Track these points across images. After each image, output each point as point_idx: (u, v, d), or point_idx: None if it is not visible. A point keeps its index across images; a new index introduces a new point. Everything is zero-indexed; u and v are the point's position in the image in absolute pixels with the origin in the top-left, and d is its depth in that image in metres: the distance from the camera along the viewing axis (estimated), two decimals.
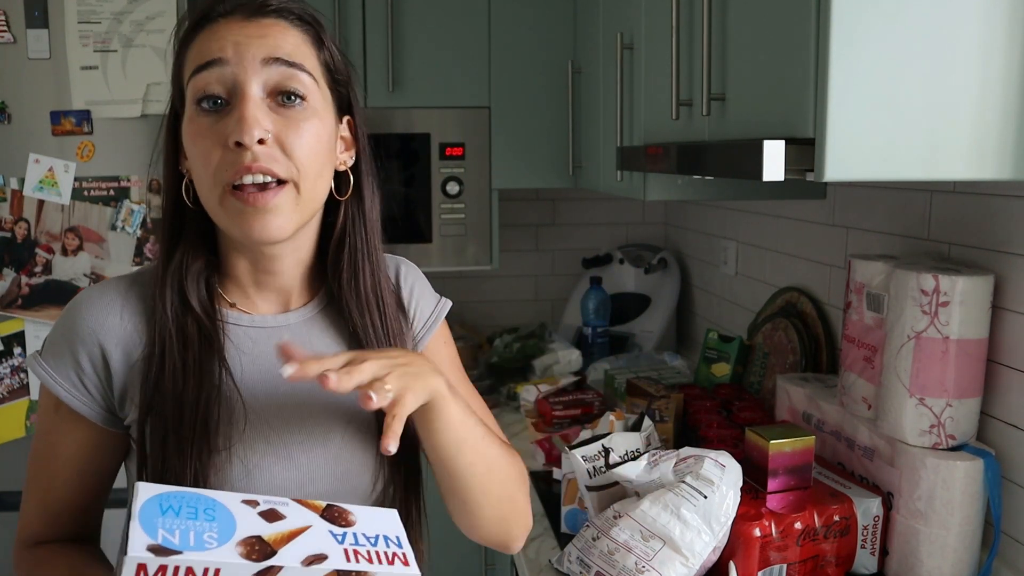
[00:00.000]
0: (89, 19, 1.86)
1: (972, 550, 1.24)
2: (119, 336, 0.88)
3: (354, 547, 0.73)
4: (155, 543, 0.66)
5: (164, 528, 0.68)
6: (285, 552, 0.69)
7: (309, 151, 0.85)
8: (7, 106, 1.87)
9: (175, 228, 0.90)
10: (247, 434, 0.88)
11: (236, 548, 0.68)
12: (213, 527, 0.70)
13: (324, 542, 0.72)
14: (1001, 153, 0.92)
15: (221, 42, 0.83)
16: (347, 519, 0.76)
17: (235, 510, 0.73)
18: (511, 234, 2.76)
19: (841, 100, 0.89)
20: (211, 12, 0.86)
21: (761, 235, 2.08)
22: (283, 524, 0.73)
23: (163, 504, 0.71)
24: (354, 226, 0.94)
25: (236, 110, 0.82)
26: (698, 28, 1.25)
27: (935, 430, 1.25)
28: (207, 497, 0.73)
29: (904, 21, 0.89)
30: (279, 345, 0.80)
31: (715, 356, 2.06)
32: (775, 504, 1.26)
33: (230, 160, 0.82)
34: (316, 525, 0.74)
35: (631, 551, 1.19)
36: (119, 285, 0.91)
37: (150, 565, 0.65)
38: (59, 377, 0.88)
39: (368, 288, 0.95)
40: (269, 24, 0.85)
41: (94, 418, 0.89)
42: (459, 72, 2.27)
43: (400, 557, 0.74)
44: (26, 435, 1.94)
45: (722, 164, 1.06)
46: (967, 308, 1.21)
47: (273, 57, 0.84)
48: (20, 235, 1.90)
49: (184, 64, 0.87)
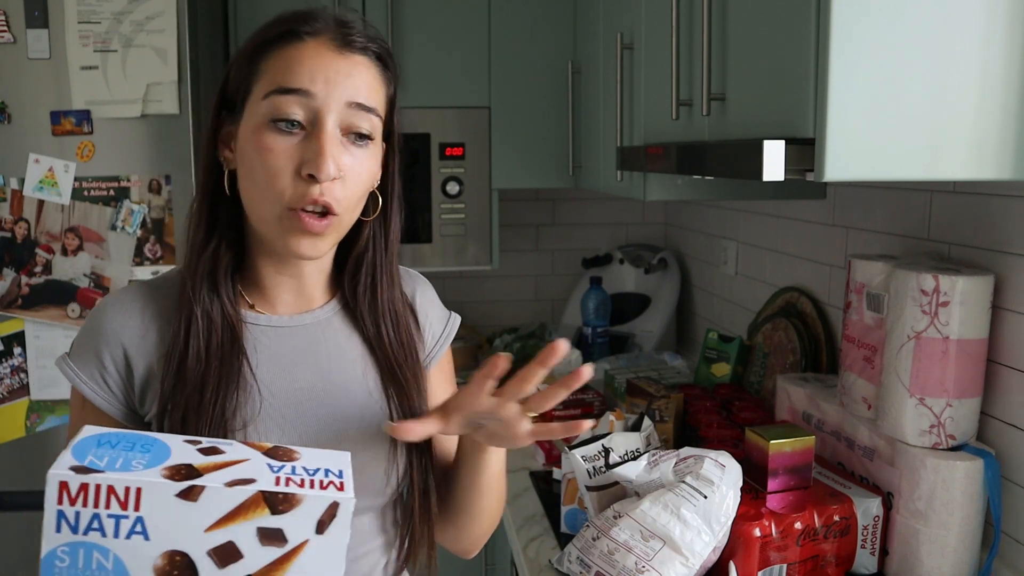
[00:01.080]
0: (89, 19, 1.86)
1: (972, 550, 1.24)
2: (140, 338, 0.93)
3: (288, 476, 0.72)
4: (79, 464, 0.68)
5: (94, 455, 0.69)
6: (212, 476, 0.69)
7: (360, 185, 0.91)
8: (7, 106, 1.87)
9: (211, 217, 0.94)
10: (262, 425, 0.92)
11: (161, 472, 0.69)
12: (144, 457, 0.71)
13: (257, 471, 0.72)
14: (1001, 153, 0.92)
15: (312, 74, 0.87)
16: (290, 456, 0.76)
17: (173, 445, 0.73)
18: (511, 234, 2.76)
19: (841, 100, 0.89)
20: (299, 29, 0.89)
21: (761, 235, 2.08)
22: (219, 457, 0.73)
23: (102, 439, 0.72)
24: (375, 244, 1.00)
25: (315, 142, 0.86)
26: (698, 28, 1.25)
27: (935, 430, 1.25)
28: (150, 436, 0.74)
29: (904, 21, 0.89)
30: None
31: (715, 356, 2.06)
32: (775, 504, 1.26)
33: (300, 188, 0.87)
34: (254, 459, 0.74)
35: (631, 551, 1.19)
36: (141, 290, 0.96)
37: (71, 483, 0.66)
38: (84, 376, 0.93)
39: (384, 301, 1.00)
40: (356, 61, 0.90)
41: (115, 414, 0.93)
42: (459, 72, 2.27)
43: (336, 484, 0.73)
44: (26, 435, 1.94)
45: (722, 164, 1.06)
46: (967, 308, 1.21)
47: (355, 102, 0.89)
48: (20, 235, 1.90)
49: (261, 71, 0.89)
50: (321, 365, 0.98)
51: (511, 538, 1.55)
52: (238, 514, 0.69)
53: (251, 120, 0.89)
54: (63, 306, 1.92)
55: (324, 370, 0.97)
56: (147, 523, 0.68)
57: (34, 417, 1.94)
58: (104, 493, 0.67)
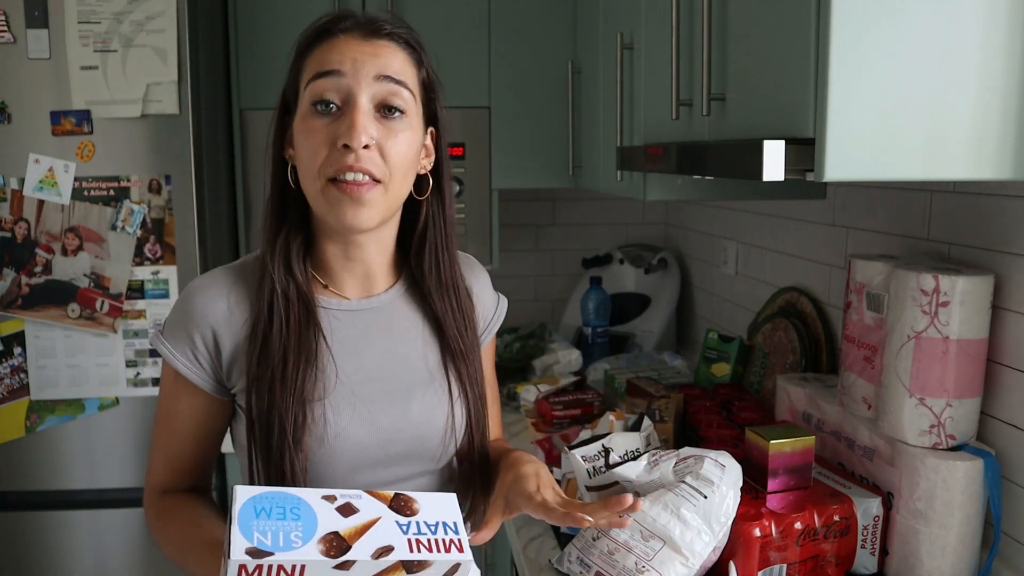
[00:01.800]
0: (89, 19, 1.86)
1: (972, 550, 1.24)
2: (227, 319, 1.03)
3: (416, 536, 0.85)
4: (252, 546, 0.80)
5: (258, 531, 0.82)
6: (358, 546, 0.83)
7: (401, 157, 0.99)
8: (7, 106, 1.87)
9: (281, 209, 1.05)
10: (335, 401, 1.02)
11: (317, 546, 0.81)
12: (298, 526, 0.83)
13: (391, 534, 0.85)
14: (1001, 153, 0.92)
15: (341, 56, 0.98)
16: (411, 508, 0.89)
17: (317, 507, 0.85)
18: (511, 234, 2.76)
19: (841, 100, 0.89)
20: (333, 27, 1.01)
21: (761, 235, 2.08)
22: (357, 518, 0.85)
23: (257, 507, 0.84)
24: (434, 223, 1.09)
25: (347, 117, 0.96)
26: (698, 28, 1.25)
27: (935, 430, 1.25)
28: (293, 496, 0.86)
29: (904, 21, 0.89)
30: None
31: (715, 356, 2.06)
32: (775, 504, 1.26)
33: (335, 158, 0.96)
34: (384, 516, 0.87)
35: (631, 551, 1.19)
36: (227, 274, 1.06)
37: (249, 566, 0.79)
38: (177, 353, 1.03)
39: (448, 277, 1.10)
40: (382, 45, 1.00)
41: (205, 387, 1.04)
42: (459, 72, 2.27)
43: (456, 544, 0.86)
44: (26, 435, 1.95)
45: (722, 164, 1.06)
46: (967, 308, 1.21)
47: (383, 75, 0.98)
48: (20, 235, 1.90)
49: (303, 68, 1.01)
50: (386, 346, 1.07)
51: (511, 538, 1.55)
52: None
53: (300, 110, 1.00)
54: (63, 306, 1.92)
55: (389, 350, 1.07)
56: None
57: (34, 417, 1.95)
58: (275, 569, 0.80)
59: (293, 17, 2.20)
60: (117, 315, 1.93)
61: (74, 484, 1.97)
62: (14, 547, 1.98)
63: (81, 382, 1.94)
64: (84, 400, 1.95)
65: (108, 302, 1.92)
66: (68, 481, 1.97)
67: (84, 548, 1.99)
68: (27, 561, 1.98)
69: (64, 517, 1.98)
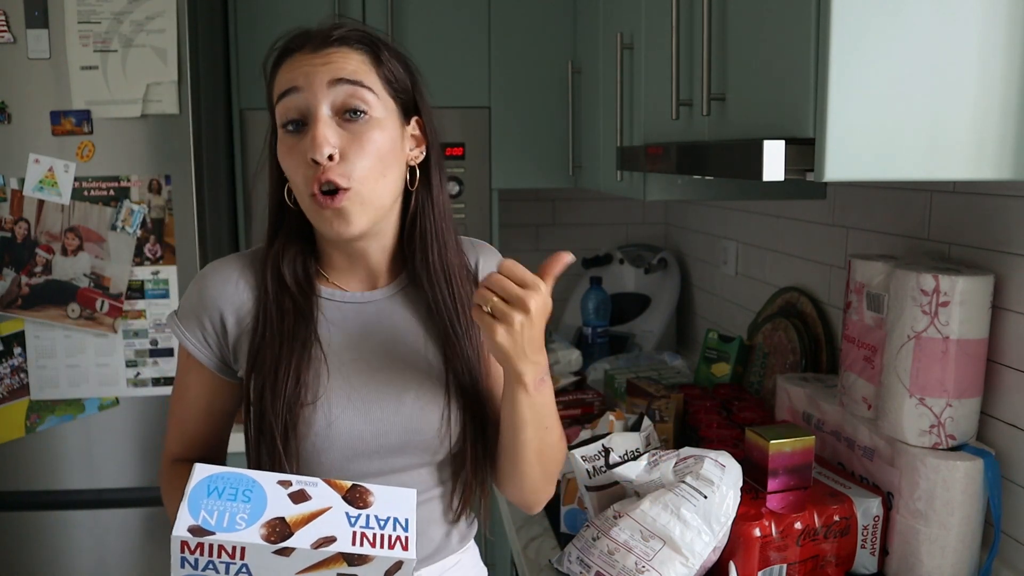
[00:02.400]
0: (89, 19, 1.86)
1: (972, 550, 1.24)
2: (235, 303, 1.07)
3: (363, 530, 0.86)
4: (195, 524, 0.82)
5: (206, 510, 0.84)
6: (300, 534, 0.84)
7: (369, 160, 1.00)
8: (7, 106, 1.87)
9: (276, 221, 1.09)
10: (330, 391, 1.04)
11: (260, 530, 0.83)
12: (247, 508, 0.85)
13: (338, 524, 0.85)
14: (1001, 153, 0.92)
15: (295, 73, 1.00)
16: (366, 500, 0.89)
17: (269, 492, 0.87)
18: (511, 234, 2.76)
19: (841, 100, 0.89)
20: (288, 47, 1.03)
21: (761, 235, 2.08)
22: (307, 505, 0.86)
23: (211, 486, 0.86)
24: (423, 212, 1.10)
25: (310, 130, 0.99)
26: (698, 28, 1.25)
27: (935, 430, 1.25)
28: (249, 478, 0.88)
29: (904, 21, 0.89)
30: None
31: (715, 356, 2.06)
32: (775, 504, 1.26)
33: (309, 173, 0.99)
34: (335, 507, 0.87)
35: (631, 551, 1.19)
36: (239, 260, 1.10)
37: (191, 543, 0.82)
38: (188, 334, 1.08)
39: (436, 264, 1.10)
40: (332, 52, 1.01)
41: (212, 367, 1.09)
42: (459, 72, 2.27)
43: (402, 541, 0.86)
44: (26, 435, 1.95)
45: (722, 164, 1.06)
46: (967, 308, 1.21)
47: (336, 79, 0.99)
48: (20, 235, 1.90)
49: (272, 91, 1.04)
50: (386, 338, 1.09)
51: (511, 538, 1.55)
52: (322, 566, 0.84)
53: (278, 134, 1.03)
54: (63, 306, 1.92)
55: (388, 342, 1.09)
56: (251, 568, 0.84)
57: (34, 417, 1.94)
58: (216, 549, 0.82)
59: (293, 17, 2.19)
60: (117, 315, 1.93)
61: (74, 484, 1.97)
62: (14, 547, 1.98)
63: (81, 382, 1.94)
64: (84, 400, 1.95)
65: (108, 302, 1.92)
66: (68, 481, 1.97)
67: (84, 548, 1.99)
68: (27, 561, 1.99)
69: (64, 517, 1.98)
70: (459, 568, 1.17)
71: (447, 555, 1.15)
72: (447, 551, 1.15)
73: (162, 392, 1.96)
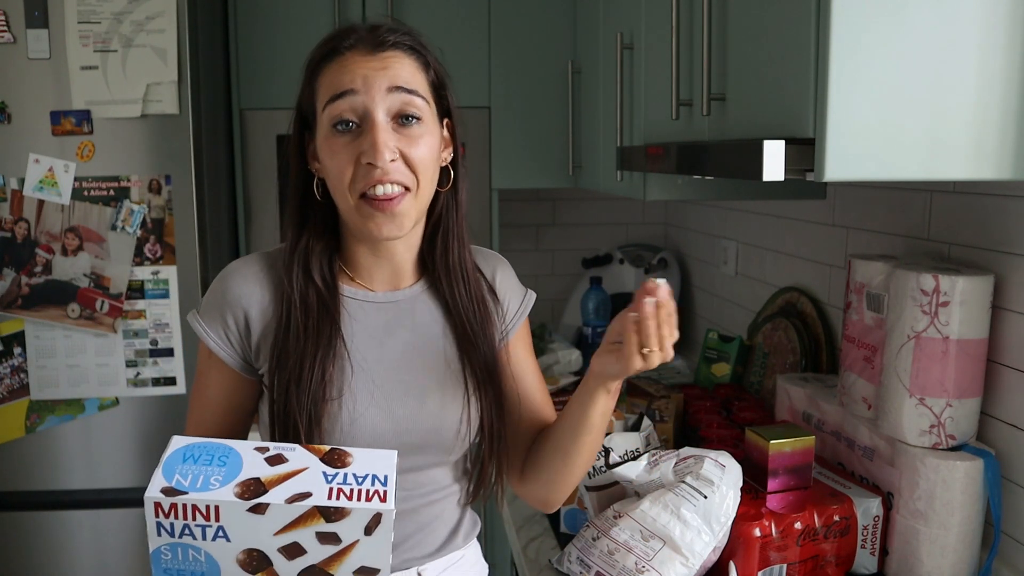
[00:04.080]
0: (89, 19, 1.86)
1: (972, 550, 1.24)
2: (258, 302, 1.07)
3: (340, 486, 0.84)
4: (168, 485, 0.82)
5: (180, 473, 0.84)
6: (275, 491, 0.83)
7: (425, 162, 1.03)
8: (7, 106, 1.87)
9: (302, 217, 1.09)
10: (355, 388, 1.06)
11: (234, 488, 0.83)
12: (221, 471, 0.84)
13: (313, 482, 0.84)
14: (1001, 153, 0.92)
15: (352, 75, 1.01)
16: (344, 461, 0.88)
17: (245, 456, 0.87)
18: (511, 234, 2.76)
19: (841, 100, 0.89)
20: (339, 45, 1.03)
21: (761, 235, 2.08)
22: (283, 467, 0.86)
23: (187, 453, 0.86)
24: (448, 212, 1.13)
25: (368, 134, 1.00)
26: (698, 28, 1.25)
27: (935, 430, 1.25)
28: (226, 446, 0.87)
29: (904, 21, 0.89)
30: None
31: (715, 356, 2.06)
32: (775, 504, 1.26)
33: (363, 174, 1.00)
34: (312, 467, 0.86)
35: (631, 551, 1.19)
36: (261, 260, 1.10)
37: (164, 504, 0.81)
38: (210, 332, 1.08)
39: (455, 261, 1.12)
40: (389, 56, 1.03)
41: (233, 366, 1.09)
42: (459, 72, 2.25)
43: (380, 494, 0.84)
44: (26, 435, 1.95)
45: (722, 164, 1.06)
46: (967, 308, 1.21)
47: (395, 86, 1.01)
48: (20, 235, 1.90)
49: (317, 89, 1.04)
50: (408, 338, 1.11)
51: (511, 538, 1.55)
52: (299, 523, 0.83)
53: (321, 131, 1.04)
54: (63, 306, 1.92)
55: (410, 343, 1.10)
56: (227, 529, 0.83)
57: (34, 417, 1.95)
58: (190, 510, 0.82)
59: (293, 17, 2.20)
60: (117, 315, 1.93)
61: (74, 484, 1.97)
62: (14, 547, 1.98)
63: (81, 382, 1.94)
64: (84, 400, 1.95)
65: (108, 302, 1.92)
66: (68, 481, 1.97)
67: (84, 548, 1.99)
68: (27, 561, 1.99)
69: (64, 517, 1.98)
70: (463, 563, 1.19)
71: (452, 551, 1.17)
72: (452, 547, 1.17)
73: (162, 392, 1.96)
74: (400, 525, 1.11)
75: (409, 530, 1.12)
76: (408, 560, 1.12)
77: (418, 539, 1.13)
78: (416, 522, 1.13)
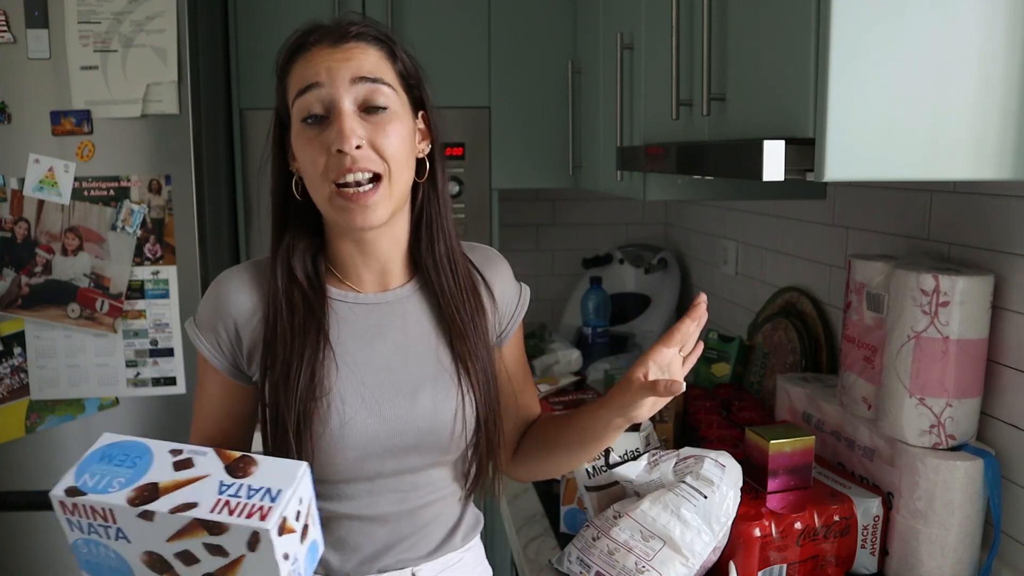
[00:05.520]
0: (89, 19, 1.85)
1: (972, 550, 1.24)
2: (247, 310, 1.08)
3: (228, 498, 0.84)
4: (73, 485, 0.85)
5: (90, 473, 0.86)
6: (163, 499, 0.84)
7: (395, 149, 1.03)
8: (7, 106, 1.87)
9: (283, 217, 1.10)
10: (344, 390, 1.06)
11: (129, 493, 0.84)
12: (128, 474, 0.86)
13: (206, 492, 0.85)
14: (1001, 153, 0.92)
15: (316, 68, 1.02)
16: (247, 470, 0.87)
17: (158, 459, 0.88)
18: (511, 234, 2.76)
19: (841, 100, 0.89)
20: (304, 42, 1.05)
21: (761, 235, 2.08)
22: (186, 473, 0.87)
23: (107, 453, 0.88)
24: (429, 202, 1.12)
25: (335, 124, 1.00)
26: (698, 28, 1.25)
27: (935, 430, 1.25)
28: (144, 445, 0.89)
29: (904, 21, 0.89)
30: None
31: (715, 356, 2.06)
32: (775, 504, 1.26)
33: (334, 164, 1.01)
34: (213, 475, 0.87)
35: (631, 551, 1.19)
36: (252, 268, 1.11)
37: (67, 504, 0.84)
38: (204, 340, 1.10)
39: (442, 252, 1.13)
40: (352, 47, 1.03)
41: (227, 373, 1.10)
42: (459, 72, 2.27)
43: (262, 511, 0.83)
44: (26, 435, 1.94)
45: (722, 164, 1.06)
46: (967, 308, 1.21)
47: (359, 76, 1.02)
48: (20, 235, 1.90)
49: (288, 86, 1.06)
50: (398, 339, 1.10)
51: (511, 538, 1.55)
52: (185, 533, 0.84)
53: (294, 127, 1.05)
54: (63, 306, 1.92)
55: (400, 344, 1.10)
56: (124, 532, 0.85)
57: (34, 417, 1.94)
58: (90, 511, 0.84)
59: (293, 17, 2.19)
60: (117, 315, 1.93)
61: None
62: (14, 547, 1.98)
63: (81, 382, 1.94)
64: (84, 400, 1.95)
65: (108, 302, 1.92)
66: None
67: None
68: (27, 561, 1.98)
69: None
70: (460, 566, 1.18)
71: (448, 552, 1.16)
72: (449, 548, 1.16)
73: (162, 392, 1.96)
74: (397, 526, 1.11)
75: (406, 531, 1.12)
76: (403, 560, 1.12)
77: (414, 540, 1.13)
78: (413, 523, 1.13)
